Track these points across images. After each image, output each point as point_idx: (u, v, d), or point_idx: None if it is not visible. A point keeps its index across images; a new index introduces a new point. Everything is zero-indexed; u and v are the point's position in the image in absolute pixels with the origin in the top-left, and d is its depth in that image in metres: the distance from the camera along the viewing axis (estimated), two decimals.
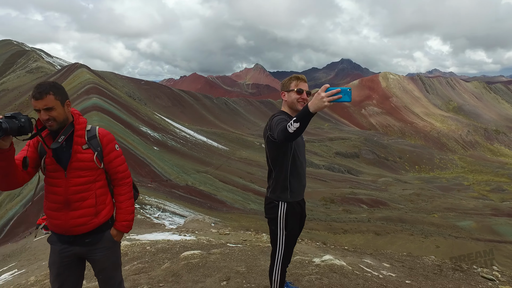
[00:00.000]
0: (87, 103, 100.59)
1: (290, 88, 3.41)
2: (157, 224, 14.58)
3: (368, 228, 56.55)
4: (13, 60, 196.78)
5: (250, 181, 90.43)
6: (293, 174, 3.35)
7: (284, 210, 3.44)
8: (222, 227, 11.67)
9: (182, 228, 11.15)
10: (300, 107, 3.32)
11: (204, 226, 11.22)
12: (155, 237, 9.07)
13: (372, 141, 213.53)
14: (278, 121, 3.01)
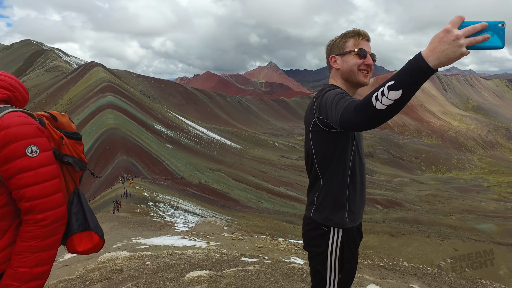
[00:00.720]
0: (102, 101, 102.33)
1: (345, 50, 2.15)
2: (168, 224, 14.09)
3: (383, 229, 55.41)
4: (32, 59, 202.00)
5: (263, 180, 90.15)
6: (353, 182, 2.13)
7: (338, 241, 2.14)
8: (235, 231, 11.07)
9: (193, 231, 10.49)
10: (363, 78, 2.13)
11: (216, 230, 10.55)
12: (163, 241, 8.65)
13: (387, 140, 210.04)
14: (339, 96, 1.84)
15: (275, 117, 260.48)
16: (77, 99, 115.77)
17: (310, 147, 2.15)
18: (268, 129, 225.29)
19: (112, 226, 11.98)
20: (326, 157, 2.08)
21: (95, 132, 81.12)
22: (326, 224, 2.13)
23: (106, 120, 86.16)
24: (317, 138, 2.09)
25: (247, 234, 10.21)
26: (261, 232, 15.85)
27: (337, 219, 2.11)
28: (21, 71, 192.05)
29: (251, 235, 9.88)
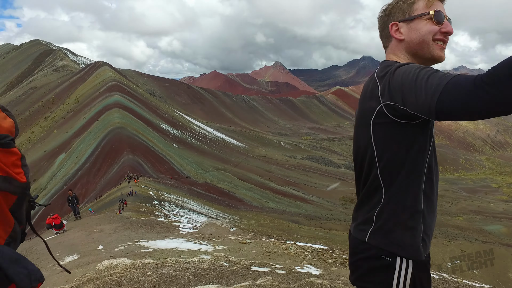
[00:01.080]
0: (109, 100, 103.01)
1: (414, 13, 1.52)
2: (172, 226, 13.78)
3: None
4: (41, 59, 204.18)
5: (268, 179, 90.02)
6: (429, 195, 1.53)
7: (407, 278, 1.48)
8: (241, 233, 10.78)
9: (198, 234, 10.12)
10: (438, 52, 1.52)
11: (222, 232, 10.29)
12: (167, 244, 8.40)
13: None
14: (427, 71, 1.22)
15: (281, 117, 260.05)
16: (84, 98, 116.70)
17: (368, 146, 1.53)
18: (274, 128, 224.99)
19: (115, 227, 11.88)
20: (395, 160, 1.46)
21: (102, 131, 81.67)
22: (392, 253, 1.48)
23: (112, 119, 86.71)
24: (382, 133, 1.47)
25: (254, 236, 9.92)
26: (268, 234, 15.64)
27: (409, 247, 1.47)
28: (30, 70, 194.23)
29: (258, 238, 9.58)
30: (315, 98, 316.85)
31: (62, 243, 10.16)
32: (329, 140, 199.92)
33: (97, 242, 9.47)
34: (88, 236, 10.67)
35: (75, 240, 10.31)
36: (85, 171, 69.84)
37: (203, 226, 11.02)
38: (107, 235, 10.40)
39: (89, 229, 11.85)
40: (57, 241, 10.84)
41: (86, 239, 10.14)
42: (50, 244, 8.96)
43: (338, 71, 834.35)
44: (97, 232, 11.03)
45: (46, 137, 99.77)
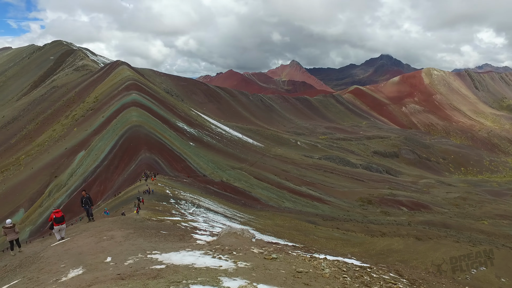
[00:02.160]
0: (127, 99, 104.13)
1: None
2: (188, 233, 12.68)
3: (409, 232, 53.32)
4: (62, 59, 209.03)
5: (285, 179, 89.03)
6: None
7: None
8: (264, 244, 9.63)
9: (217, 245, 9.25)
10: None
11: (243, 243, 9.31)
12: (182, 259, 7.48)
13: (413, 140, 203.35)
14: None
15: (297, 116, 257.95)
16: (103, 97, 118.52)
17: None
18: (291, 127, 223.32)
19: (127, 234, 11.21)
20: None
21: (120, 130, 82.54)
22: None
23: (130, 117, 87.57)
24: None
25: (280, 249, 8.90)
26: (293, 244, 14.67)
27: None
28: (52, 70, 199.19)
29: (284, 251, 8.46)
30: (332, 97, 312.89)
31: (70, 251, 9.57)
32: (346, 139, 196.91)
33: (106, 252, 8.82)
34: (97, 243, 10.05)
35: (83, 248, 9.73)
36: (103, 169, 70.70)
37: (222, 235, 10.04)
38: (117, 243, 9.74)
39: (99, 235, 11.24)
40: (65, 247, 10.29)
41: (95, 248, 9.52)
42: (57, 250, 8.27)
43: (356, 70, 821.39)
44: (107, 240, 10.38)
45: (67, 135, 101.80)
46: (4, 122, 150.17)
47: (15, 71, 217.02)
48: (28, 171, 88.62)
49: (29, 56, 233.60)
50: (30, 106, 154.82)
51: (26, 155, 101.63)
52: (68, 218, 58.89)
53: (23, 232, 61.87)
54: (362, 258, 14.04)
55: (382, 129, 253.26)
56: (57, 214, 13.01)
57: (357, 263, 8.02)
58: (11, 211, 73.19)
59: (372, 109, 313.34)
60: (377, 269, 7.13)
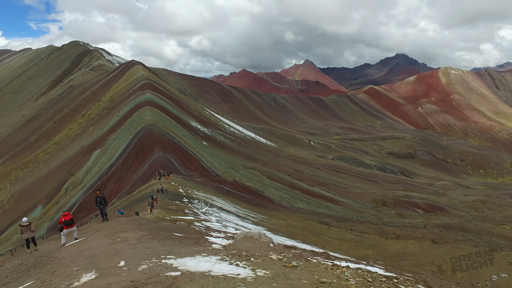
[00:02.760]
0: (141, 98, 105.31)
1: None
2: (203, 236, 12.51)
3: (424, 235, 52.09)
4: (79, 59, 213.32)
5: (298, 179, 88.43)
6: None
7: None
8: (282, 250, 9.20)
9: (233, 250, 8.92)
10: None
11: (261, 248, 8.96)
12: (198, 264, 7.19)
13: (429, 141, 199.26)
14: None
15: (311, 116, 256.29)
16: (118, 96, 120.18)
17: None
18: (304, 127, 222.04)
19: (141, 237, 10.97)
20: None
21: (134, 128, 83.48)
22: None
23: (144, 116, 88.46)
24: None
25: (299, 255, 8.47)
26: (312, 249, 14.27)
27: None
28: (69, 70, 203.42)
29: (304, 258, 7.98)
30: (346, 97, 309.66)
31: (83, 253, 9.46)
32: (360, 140, 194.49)
33: (119, 255, 8.64)
34: (110, 246, 9.89)
35: (97, 250, 9.60)
36: (118, 167, 71.61)
37: (238, 239, 9.81)
38: (131, 246, 9.56)
39: (112, 237, 11.08)
40: (78, 248, 10.20)
41: (108, 250, 9.36)
42: (71, 251, 8.13)
43: (370, 70, 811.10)
44: (120, 242, 10.21)
45: (83, 133, 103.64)
46: (24, 121, 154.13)
47: (35, 71, 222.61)
48: (46, 168, 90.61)
49: (48, 56, 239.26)
50: (48, 105, 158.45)
51: (44, 153, 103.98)
52: (84, 216, 59.89)
53: (41, 228, 63.23)
54: (386, 266, 13.53)
55: (397, 129, 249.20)
56: (66, 217, 13.00)
57: (381, 271, 7.63)
58: (30, 207, 74.95)
59: (387, 109, 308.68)
60: (404, 280, 6.69)
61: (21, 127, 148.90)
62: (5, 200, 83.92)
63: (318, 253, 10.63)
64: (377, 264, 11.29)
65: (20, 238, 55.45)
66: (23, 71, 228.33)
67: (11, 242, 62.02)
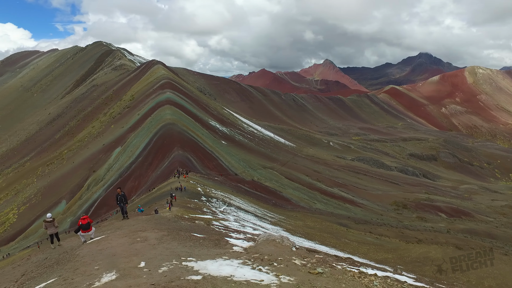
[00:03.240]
0: (161, 97, 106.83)
1: None
2: (223, 237, 12.28)
3: (447, 240, 50.27)
4: (102, 59, 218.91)
5: (316, 180, 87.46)
6: None
7: None
8: (306, 254, 8.76)
9: (255, 253, 8.59)
10: None
11: (283, 252, 8.60)
12: (219, 268, 6.97)
13: (453, 143, 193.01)
14: None
15: (330, 116, 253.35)
16: (139, 95, 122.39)
17: None
18: (323, 127, 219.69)
19: (161, 237, 10.83)
20: None
21: (154, 127, 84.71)
22: None
23: (164, 115, 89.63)
24: None
25: (323, 261, 8.06)
26: (335, 254, 13.84)
27: None
28: (92, 69, 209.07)
29: (329, 264, 7.49)
30: (366, 97, 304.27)
31: (103, 252, 9.43)
32: (380, 141, 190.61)
33: (140, 255, 8.55)
34: (131, 245, 9.82)
35: (117, 249, 9.54)
36: (138, 165, 72.84)
37: (259, 242, 9.53)
38: (151, 246, 9.46)
39: (133, 236, 11.02)
40: (99, 247, 10.20)
41: (128, 250, 9.28)
42: (92, 249, 8.08)
43: (392, 69, 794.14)
44: (141, 241, 10.14)
45: (104, 131, 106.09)
46: (50, 119, 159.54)
47: (60, 71, 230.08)
48: (70, 165, 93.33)
49: (73, 56, 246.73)
50: (73, 104, 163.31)
51: (68, 150, 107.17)
52: (104, 211, 61.21)
53: (65, 223, 65.12)
54: (416, 274, 12.94)
55: (419, 130, 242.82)
56: (83, 221, 13.02)
57: (411, 281, 7.19)
58: (55, 202, 77.39)
59: (409, 110, 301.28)
60: None
61: (47, 124, 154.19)
62: (32, 194, 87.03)
63: (342, 258, 10.20)
64: (405, 272, 10.76)
65: (45, 231, 57.15)
66: (50, 71, 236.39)
67: (38, 235, 64.26)
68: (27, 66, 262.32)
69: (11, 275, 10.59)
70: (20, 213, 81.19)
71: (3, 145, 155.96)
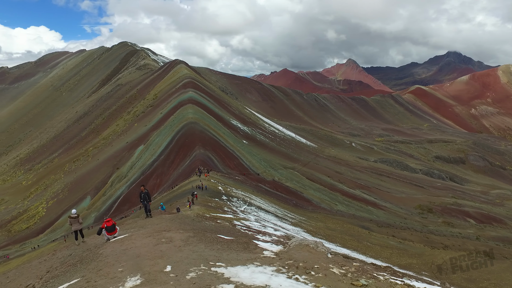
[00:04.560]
0: (183, 96, 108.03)
1: None
2: (251, 240, 11.68)
3: (477, 248, 47.96)
4: (127, 59, 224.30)
5: (338, 181, 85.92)
6: None
7: None
8: (343, 262, 8.11)
9: (289, 259, 7.96)
10: None
11: (319, 259, 7.96)
12: (252, 276, 6.51)
13: (484, 146, 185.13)
14: None
15: (353, 116, 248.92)
16: (162, 94, 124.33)
17: None
18: (345, 128, 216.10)
19: (187, 238, 10.60)
20: None
21: (176, 126, 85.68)
22: None
23: (186, 114, 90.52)
24: None
25: (363, 271, 7.49)
26: (372, 262, 13.17)
27: None
28: (117, 69, 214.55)
29: (371, 275, 7.18)
30: (390, 98, 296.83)
31: (127, 252, 9.14)
32: (405, 142, 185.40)
33: (165, 258, 8.22)
34: (155, 246, 9.49)
35: (141, 249, 9.24)
36: (160, 163, 73.87)
37: (292, 247, 8.95)
38: (176, 248, 9.10)
39: (157, 236, 10.68)
40: (122, 246, 9.90)
41: (153, 251, 8.96)
42: (116, 248, 7.77)
43: (417, 69, 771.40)
44: (166, 243, 9.77)
45: (128, 130, 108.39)
46: (77, 117, 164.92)
47: (87, 70, 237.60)
48: (95, 162, 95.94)
49: (99, 57, 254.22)
50: (98, 103, 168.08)
51: (93, 147, 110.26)
52: (127, 208, 62.37)
53: (89, 218, 66.91)
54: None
55: (446, 132, 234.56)
56: (108, 223, 12.77)
57: None
58: (80, 197, 79.76)
59: (435, 111, 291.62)
60: None
61: (74, 122, 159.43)
62: (60, 189, 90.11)
63: (381, 267, 9.56)
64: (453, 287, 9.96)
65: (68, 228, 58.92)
66: (78, 71, 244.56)
67: (64, 229, 66.39)
68: (57, 66, 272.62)
69: (37, 270, 10.62)
70: (49, 207, 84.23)
71: (35, 141, 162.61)
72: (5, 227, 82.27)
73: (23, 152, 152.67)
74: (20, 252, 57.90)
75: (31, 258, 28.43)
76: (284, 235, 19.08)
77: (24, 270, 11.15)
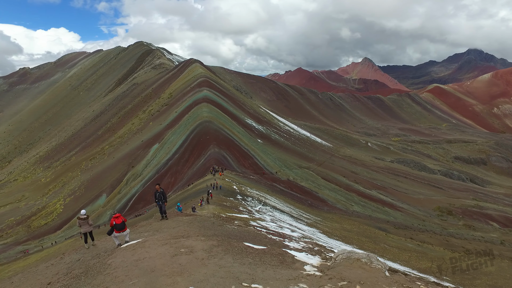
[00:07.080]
0: (198, 95, 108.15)
1: None
2: (286, 250, 10.00)
3: (502, 253, 45.83)
4: (142, 58, 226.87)
5: (354, 181, 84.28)
6: None
7: None
8: (407, 283, 6.64)
9: (341, 280, 6.50)
10: None
11: (377, 279, 6.55)
12: None
13: (507, 146, 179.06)
14: None
15: (368, 116, 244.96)
16: (177, 93, 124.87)
17: None
18: (361, 128, 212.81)
19: (210, 248, 9.17)
20: None
21: (191, 124, 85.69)
22: None
23: (201, 113, 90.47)
24: None
25: None
26: (437, 281, 12.05)
27: None
28: (133, 68, 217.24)
29: None
30: (407, 97, 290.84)
31: (140, 264, 7.93)
32: (422, 142, 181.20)
33: (186, 274, 6.98)
34: (173, 257, 8.19)
35: (156, 261, 7.99)
36: (174, 161, 73.94)
37: (339, 261, 7.49)
38: (199, 262, 7.76)
39: (175, 244, 9.35)
40: (134, 256, 8.68)
41: (171, 264, 7.71)
42: (127, 258, 6.76)
43: (435, 67, 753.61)
44: (185, 253, 8.40)
45: (143, 128, 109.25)
46: (93, 116, 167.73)
47: (104, 70, 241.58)
48: (111, 160, 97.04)
49: (116, 56, 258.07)
50: (114, 102, 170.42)
51: (109, 146, 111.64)
52: (141, 206, 62.61)
53: (105, 215, 67.50)
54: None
55: (466, 132, 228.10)
56: (117, 220, 11.62)
57: None
58: (96, 195, 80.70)
59: (455, 110, 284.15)
60: None
61: (91, 121, 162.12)
62: (76, 187, 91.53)
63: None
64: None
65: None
66: (95, 71, 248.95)
67: None
68: (75, 66, 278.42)
69: (42, 277, 9.89)
70: (66, 204, 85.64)
71: (53, 139, 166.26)
72: (25, 223, 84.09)
73: (43, 150, 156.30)
74: (39, 248, 58.86)
75: (39, 262, 28.31)
76: (312, 241, 17.94)
77: (30, 275, 10.30)
